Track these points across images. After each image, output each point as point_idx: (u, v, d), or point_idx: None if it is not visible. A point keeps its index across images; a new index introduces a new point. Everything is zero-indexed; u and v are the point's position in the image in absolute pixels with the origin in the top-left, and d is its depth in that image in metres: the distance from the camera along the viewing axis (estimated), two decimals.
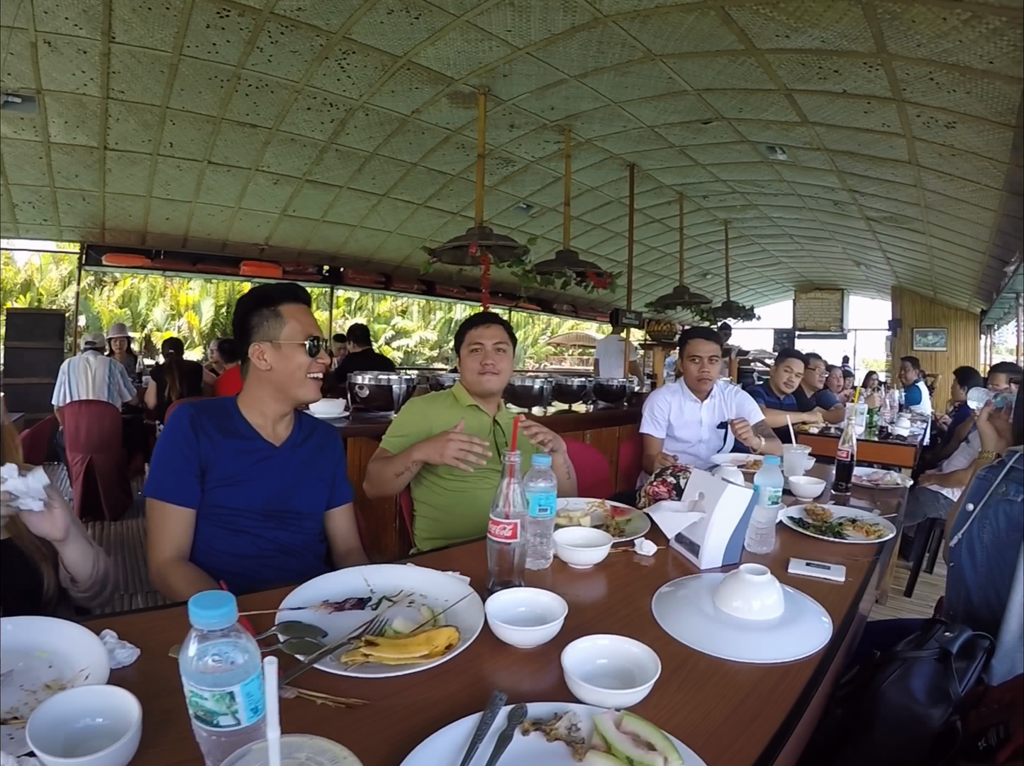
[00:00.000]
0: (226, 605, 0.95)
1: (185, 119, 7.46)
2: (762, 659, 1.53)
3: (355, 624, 1.58)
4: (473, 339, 3.13)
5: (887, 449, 5.97)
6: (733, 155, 9.08)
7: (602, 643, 1.46)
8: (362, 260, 13.60)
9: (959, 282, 13.88)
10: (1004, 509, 1.98)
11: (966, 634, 1.73)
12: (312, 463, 2.46)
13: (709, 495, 2.20)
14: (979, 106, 5.80)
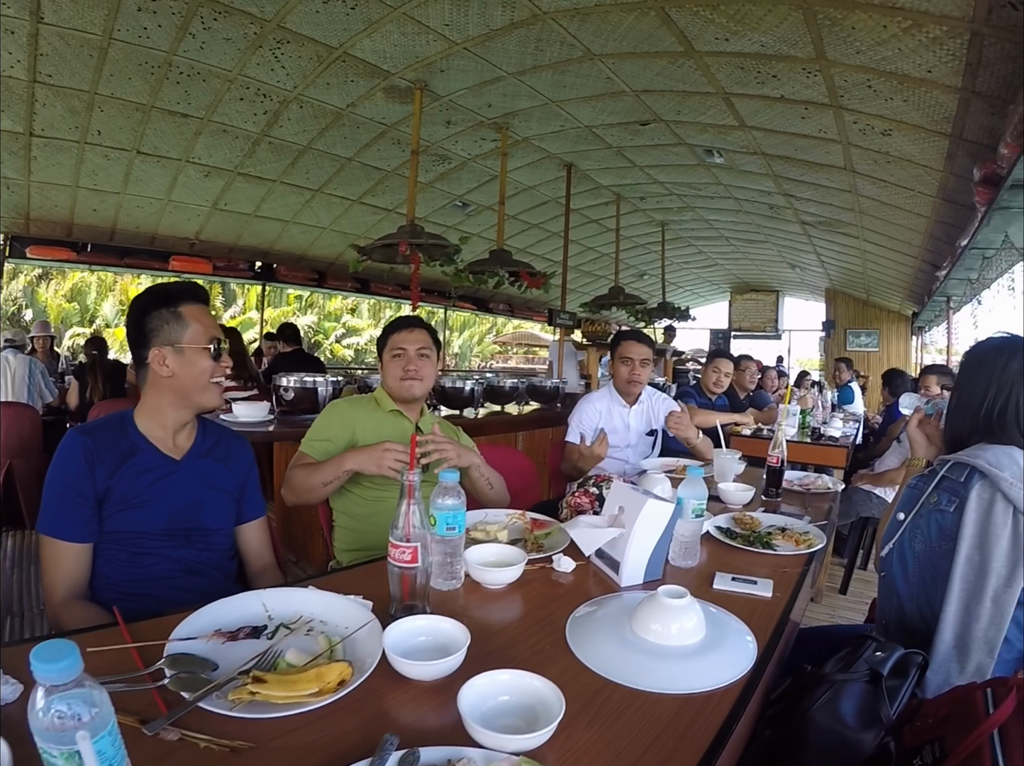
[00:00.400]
0: (67, 657, 0.88)
1: (114, 106, 7.19)
2: (680, 689, 1.47)
3: (248, 655, 1.50)
4: (396, 344, 3.07)
5: (819, 450, 6.00)
6: (671, 157, 9.06)
7: (503, 679, 1.38)
8: (295, 256, 13.36)
9: (891, 285, 14.09)
10: (936, 519, 1.98)
11: (897, 653, 1.70)
12: (218, 476, 2.35)
13: (629, 509, 2.14)
14: (916, 114, 5.83)
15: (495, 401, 7.51)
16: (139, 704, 1.27)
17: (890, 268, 12.46)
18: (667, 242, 13.46)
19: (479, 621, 1.75)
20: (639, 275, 17.36)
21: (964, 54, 4.68)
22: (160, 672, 1.37)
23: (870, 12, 4.58)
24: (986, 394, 2.09)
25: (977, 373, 2.13)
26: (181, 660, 1.42)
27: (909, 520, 2.06)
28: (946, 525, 1.95)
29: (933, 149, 6.36)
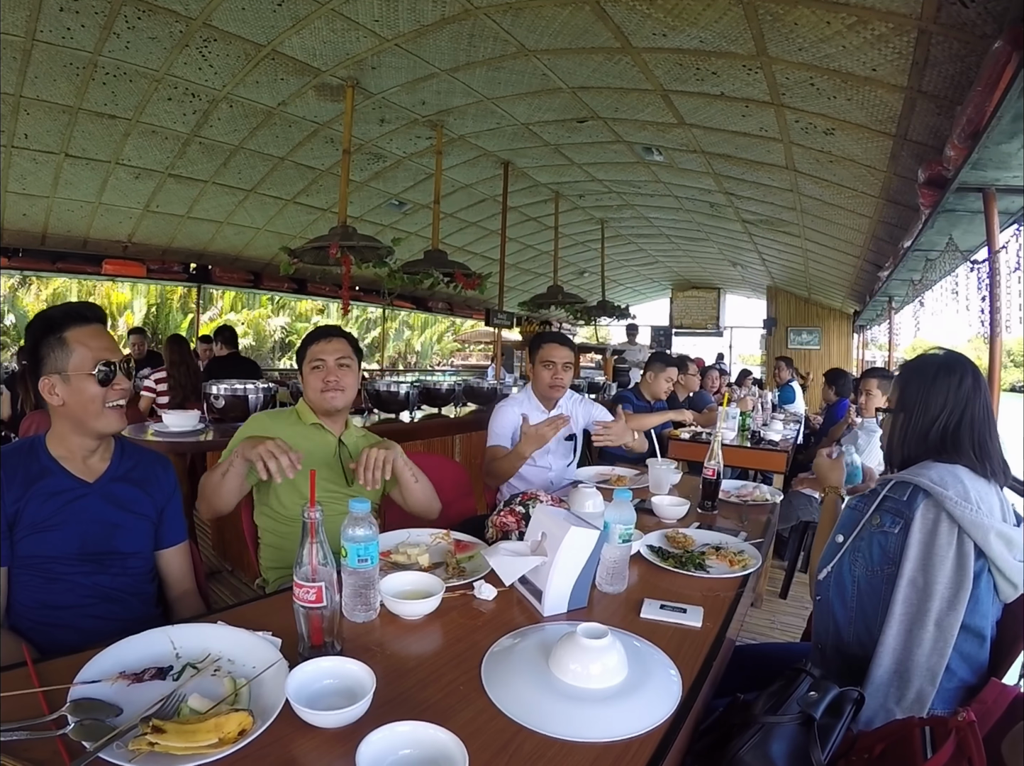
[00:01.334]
0: None
1: (40, 109, 7.00)
2: (598, 737, 1.38)
3: (153, 698, 1.44)
4: (315, 355, 2.98)
5: (759, 455, 5.88)
6: (609, 155, 9.01)
7: (402, 731, 1.30)
8: (230, 258, 13.17)
9: (833, 284, 14.23)
10: (878, 540, 1.96)
11: (831, 693, 1.63)
12: (135, 500, 2.24)
13: (552, 536, 2.06)
14: (859, 114, 5.77)
15: (432, 403, 7.39)
16: (43, 752, 1.24)
17: (832, 267, 12.56)
18: (607, 239, 13.45)
19: (393, 657, 1.70)
20: (579, 273, 17.41)
21: (911, 52, 4.60)
22: (63, 718, 1.32)
23: (813, 7, 4.48)
24: (940, 413, 2.05)
25: (929, 391, 2.08)
26: (84, 705, 1.37)
27: (849, 542, 2.03)
28: (889, 547, 1.92)
29: (877, 149, 6.33)
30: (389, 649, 1.74)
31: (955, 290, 7.05)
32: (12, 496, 2.03)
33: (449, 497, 3.70)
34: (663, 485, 3.55)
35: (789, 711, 1.58)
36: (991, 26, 3.91)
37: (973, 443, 2.01)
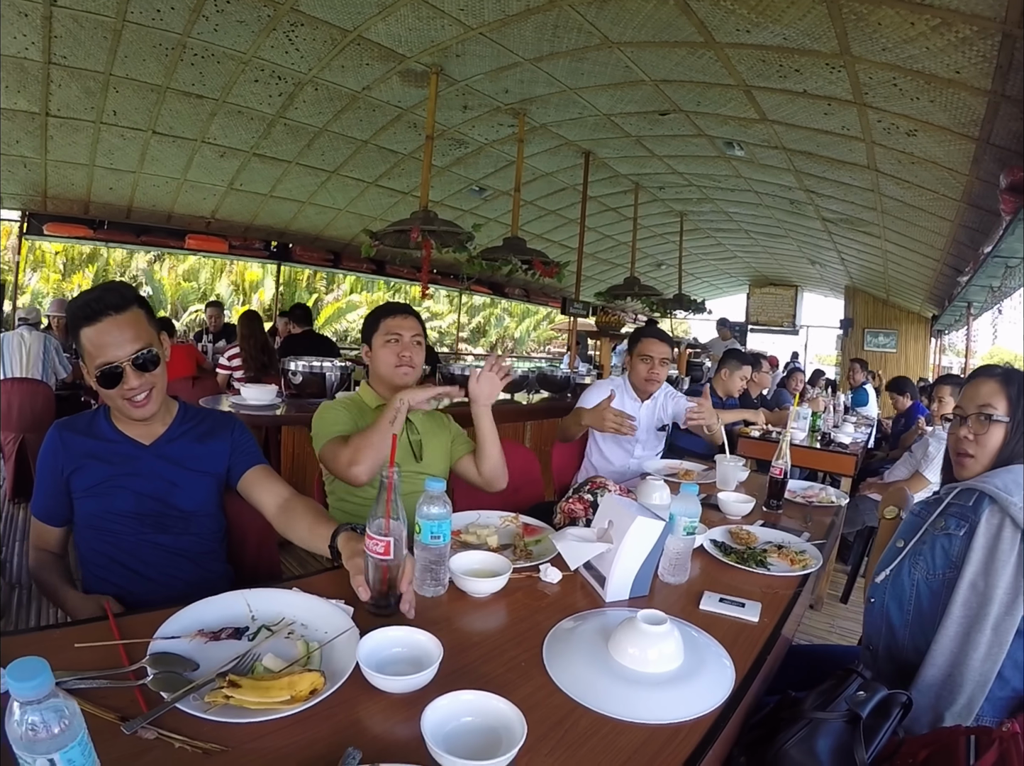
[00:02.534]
0: (39, 676, 0.91)
1: (129, 87, 7.17)
2: (649, 719, 1.42)
3: (229, 655, 1.50)
4: (390, 329, 2.96)
5: (828, 457, 5.84)
6: (690, 148, 8.98)
7: (466, 699, 1.35)
8: (311, 237, 13.39)
9: (912, 286, 13.97)
10: (942, 544, 1.94)
11: (880, 694, 1.62)
12: (195, 457, 2.31)
13: (618, 525, 2.08)
14: (942, 116, 5.71)
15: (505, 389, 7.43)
16: (121, 700, 1.30)
17: (911, 269, 12.36)
18: (685, 233, 13.32)
19: (459, 631, 1.74)
20: (656, 264, 17.30)
21: (995, 56, 4.55)
22: (143, 670, 1.39)
23: (897, 8, 4.46)
24: None
25: None
26: (163, 659, 1.44)
27: (911, 546, 2.01)
28: (953, 551, 1.90)
29: (959, 152, 6.25)
30: (455, 623, 1.79)
31: None
32: (68, 457, 2.16)
33: (518, 482, 3.77)
34: (730, 481, 3.55)
35: (837, 709, 1.59)
36: None
37: None
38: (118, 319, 2.08)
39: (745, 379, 6.28)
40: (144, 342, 2.11)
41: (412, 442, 2.98)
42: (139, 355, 2.09)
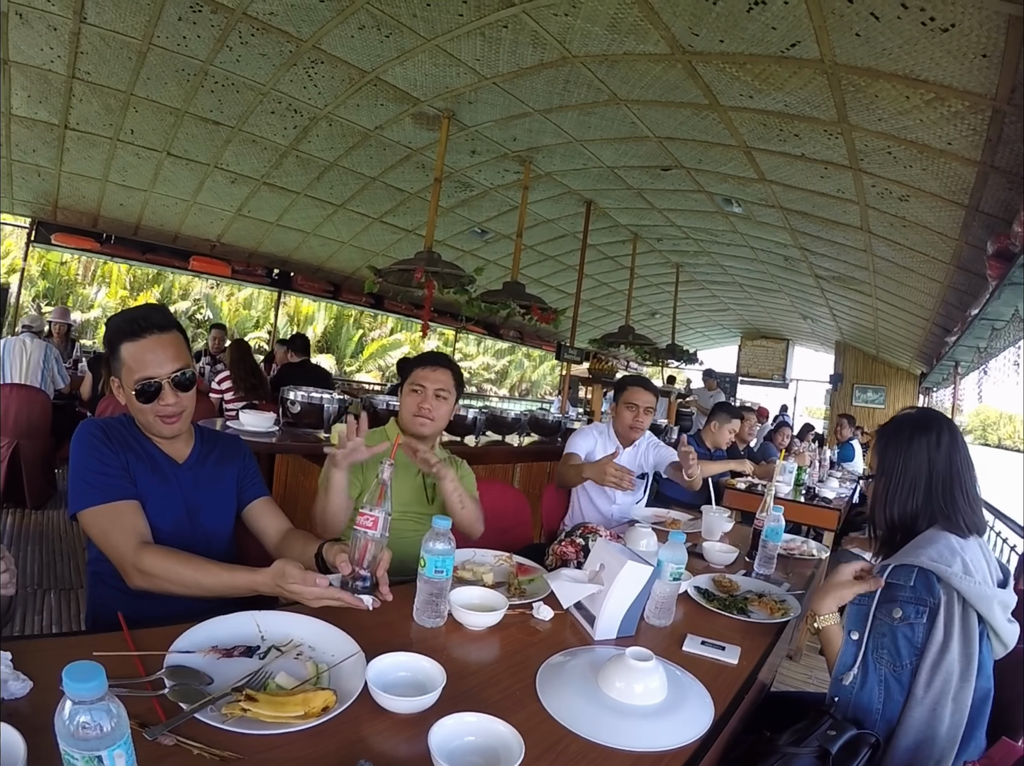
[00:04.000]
0: (95, 679, 0.98)
1: (148, 108, 7.31)
2: (635, 746, 1.51)
3: (241, 673, 1.58)
4: (416, 379, 3.05)
5: (812, 511, 5.94)
6: (690, 203, 9.14)
7: (470, 721, 1.46)
8: (313, 267, 13.51)
9: (902, 344, 14.09)
10: (904, 634, 1.90)
11: (849, 733, 1.72)
12: (217, 477, 2.39)
13: (609, 568, 2.19)
14: (934, 183, 5.89)
15: (497, 431, 7.51)
16: (139, 708, 1.35)
17: (901, 328, 12.48)
18: (681, 283, 13.48)
19: (457, 660, 1.82)
20: (651, 313, 17.40)
21: (985, 129, 4.74)
22: (160, 681, 1.46)
23: (894, 82, 4.65)
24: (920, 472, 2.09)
25: (908, 452, 2.12)
26: (179, 672, 1.51)
27: (867, 642, 1.98)
28: (916, 639, 1.89)
29: (949, 218, 6.41)
30: (454, 653, 1.88)
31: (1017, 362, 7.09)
32: (120, 448, 2.18)
33: (509, 523, 3.87)
34: (715, 532, 3.64)
35: (808, 745, 1.68)
36: None
37: (964, 496, 2.05)
38: (162, 338, 2.17)
39: (733, 432, 6.37)
40: (183, 363, 2.20)
41: (427, 485, 3.07)
42: (178, 374, 2.17)
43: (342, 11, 5.26)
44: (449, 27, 5.34)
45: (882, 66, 4.55)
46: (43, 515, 6.64)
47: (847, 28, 4.27)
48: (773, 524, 3.10)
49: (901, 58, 4.39)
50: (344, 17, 5.35)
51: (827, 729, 1.73)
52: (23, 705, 1.33)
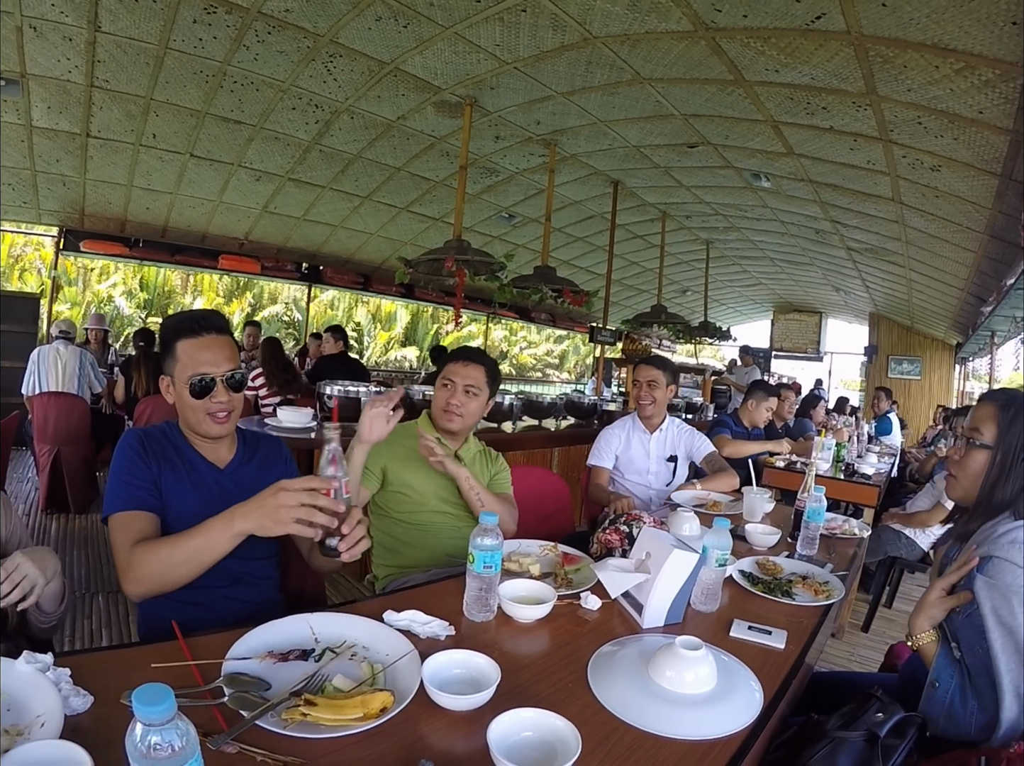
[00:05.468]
0: (165, 701, 0.98)
1: (169, 111, 7.35)
2: (687, 735, 1.51)
3: (298, 676, 1.58)
4: (448, 374, 3.05)
5: (852, 487, 5.92)
6: (718, 179, 9.08)
7: (527, 716, 1.45)
8: (342, 260, 13.59)
9: (936, 314, 13.97)
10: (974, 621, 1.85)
11: (897, 716, 1.70)
12: (259, 481, 2.25)
13: (656, 556, 2.17)
14: (965, 152, 5.81)
15: (533, 415, 7.52)
16: (200, 717, 1.34)
17: (935, 298, 12.37)
18: (711, 260, 13.42)
19: (509, 654, 1.82)
20: (682, 291, 17.36)
21: (1016, 98, 4.67)
22: (219, 689, 1.47)
23: (923, 52, 4.59)
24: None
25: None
26: (237, 679, 1.52)
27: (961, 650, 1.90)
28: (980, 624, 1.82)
29: (982, 187, 6.33)
30: (505, 647, 1.88)
31: None
32: (156, 466, 2.18)
33: (551, 509, 3.87)
34: (756, 513, 3.61)
35: (857, 729, 1.67)
36: None
37: None
38: (219, 339, 2.24)
39: (771, 410, 6.31)
40: (236, 364, 2.26)
41: None
42: (232, 374, 2.23)
43: (358, 3, 5.25)
44: (467, 14, 5.31)
45: (910, 36, 4.48)
46: (87, 519, 6.68)
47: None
48: (815, 505, 3.07)
49: (929, 27, 4.32)
50: (360, 10, 5.34)
51: (875, 712, 1.71)
52: (85, 720, 1.34)
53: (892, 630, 5.40)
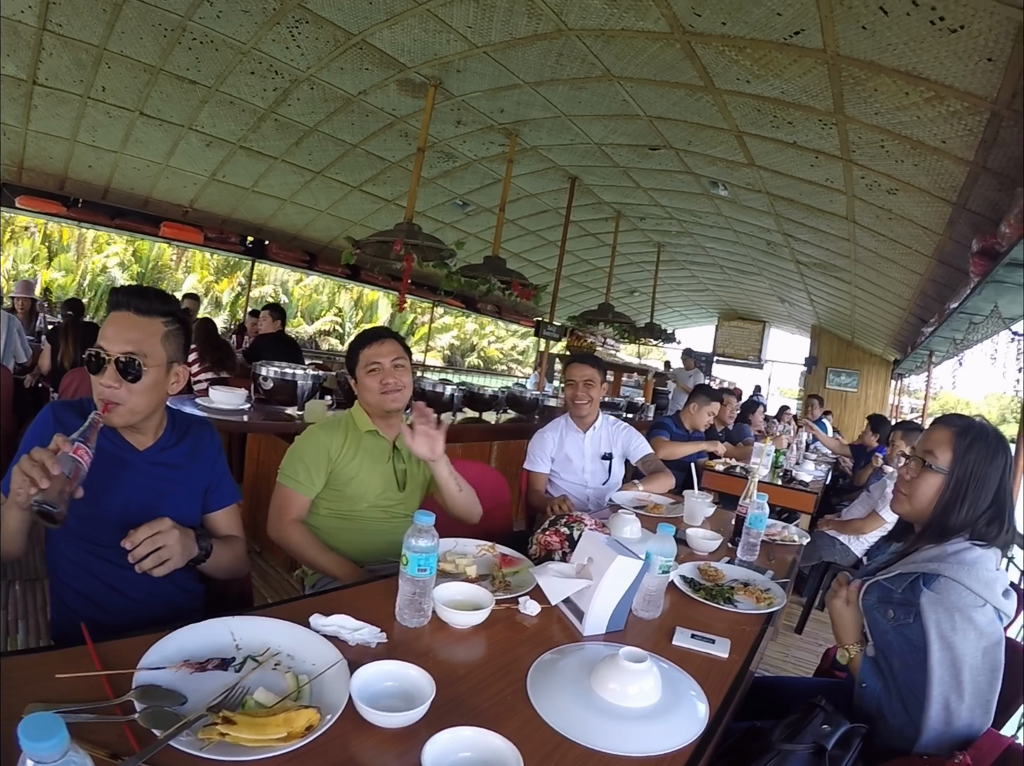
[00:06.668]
0: (55, 735, 0.87)
1: (122, 64, 7.03)
2: (633, 751, 1.48)
3: (217, 688, 1.46)
4: (370, 359, 2.98)
5: (789, 494, 6.06)
6: (676, 184, 9.09)
7: (465, 735, 1.39)
8: (288, 236, 13.29)
9: (877, 331, 14.23)
10: (904, 633, 1.94)
11: (843, 728, 1.71)
12: (184, 469, 2.25)
13: (598, 562, 2.14)
14: (924, 179, 5.88)
15: (474, 408, 7.48)
16: (109, 735, 1.25)
17: (878, 315, 12.58)
18: (662, 263, 13.51)
19: (445, 664, 1.76)
20: (630, 291, 17.45)
21: (981, 131, 4.73)
22: (129, 704, 1.34)
23: (895, 78, 4.62)
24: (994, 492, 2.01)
25: (991, 465, 2.01)
26: (150, 692, 1.39)
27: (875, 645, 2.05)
28: (913, 637, 1.90)
29: (936, 213, 6.43)
30: (440, 655, 1.80)
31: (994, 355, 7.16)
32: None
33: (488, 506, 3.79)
34: (697, 517, 3.61)
35: (803, 741, 1.67)
36: None
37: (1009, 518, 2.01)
38: (133, 318, 2.05)
39: (712, 415, 6.34)
40: (138, 350, 2.01)
41: (397, 471, 3.00)
42: (124, 358, 1.98)
43: None
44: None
45: (884, 60, 4.50)
46: None
47: (854, 20, 4.21)
48: (757, 511, 3.10)
49: (905, 54, 4.35)
50: None
51: (820, 724, 1.73)
52: None
53: (825, 632, 5.52)
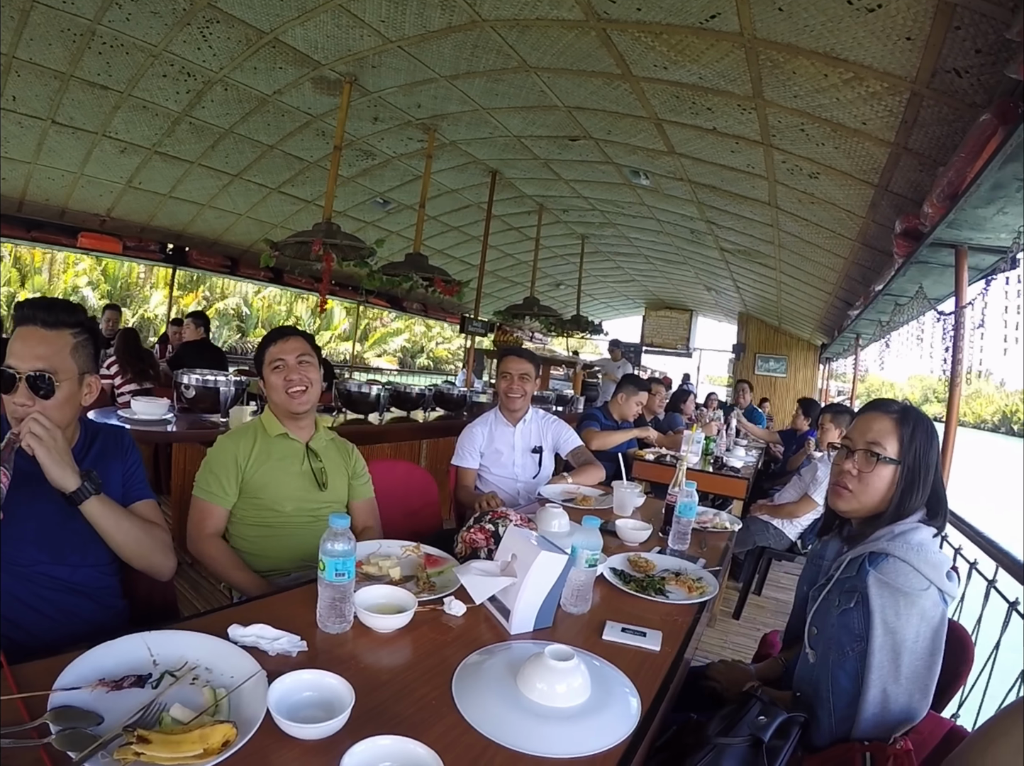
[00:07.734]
0: None
1: (31, 72, 6.82)
2: (563, 753, 1.44)
3: (133, 706, 1.41)
4: (274, 356, 2.91)
5: (721, 480, 6.07)
6: (597, 174, 9.10)
7: (384, 744, 1.35)
8: (209, 241, 12.99)
9: (804, 316, 14.44)
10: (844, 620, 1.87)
11: (780, 718, 1.68)
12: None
13: (522, 558, 2.09)
14: (845, 162, 5.92)
15: (401, 407, 7.40)
16: (25, 760, 1.23)
17: (804, 300, 12.74)
18: (586, 255, 13.59)
19: (367, 670, 1.72)
20: (555, 284, 17.51)
21: (901, 111, 4.74)
22: (45, 726, 1.29)
23: (813, 60, 4.61)
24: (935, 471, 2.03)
25: (931, 447, 2.03)
26: (65, 713, 1.34)
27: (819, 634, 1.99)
28: (853, 625, 1.84)
29: (858, 196, 6.48)
30: (363, 662, 1.76)
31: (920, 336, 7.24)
32: None
33: (416, 505, 3.75)
34: (627, 508, 3.60)
35: (740, 733, 1.64)
36: (981, 96, 4.04)
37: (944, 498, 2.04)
38: (40, 332, 1.99)
39: (641, 404, 6.32)
40: (48, 365, 1.97)
41: (315, 470, 2.93)
42: (35, 374, 1.95)
43: None
44: None
45: (802, 43, 4.49)
46: None
47: (770, 2, 4.18)
48: (686, 500, 3.09)
49: (823, 36, 4.33)
50: None
51: (757, 715, 1.70)
52: None
53: (763, 617, 5.62)
